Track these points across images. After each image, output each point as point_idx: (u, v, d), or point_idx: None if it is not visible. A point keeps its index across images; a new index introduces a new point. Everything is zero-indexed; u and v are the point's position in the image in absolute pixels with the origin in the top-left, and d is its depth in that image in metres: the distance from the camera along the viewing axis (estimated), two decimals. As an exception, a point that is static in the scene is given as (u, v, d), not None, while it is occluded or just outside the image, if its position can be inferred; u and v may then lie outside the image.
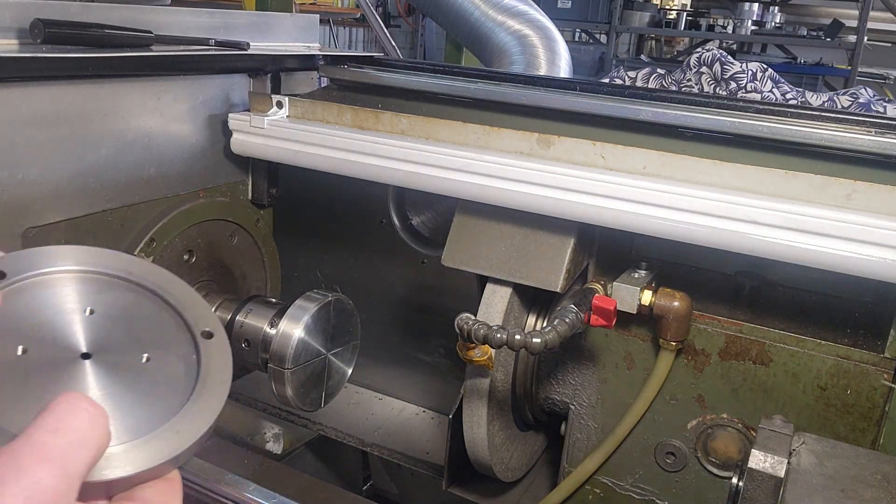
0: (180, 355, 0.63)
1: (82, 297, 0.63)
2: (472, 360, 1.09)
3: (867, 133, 1.08)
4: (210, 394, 0.61)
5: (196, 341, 0.64)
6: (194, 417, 0.59)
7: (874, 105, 3.81)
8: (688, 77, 4.09)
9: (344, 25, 8.82)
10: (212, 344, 0.65)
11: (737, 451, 1.15)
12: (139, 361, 0.61)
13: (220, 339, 0.65)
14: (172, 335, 0.65)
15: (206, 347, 0.64)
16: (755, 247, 0.98)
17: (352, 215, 1.56)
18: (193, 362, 0.63)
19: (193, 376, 0.62)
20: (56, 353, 0.59)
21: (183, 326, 0.65)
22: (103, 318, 0.62)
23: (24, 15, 1.10)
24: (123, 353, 0.61)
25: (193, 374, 0.62)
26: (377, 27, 3.60)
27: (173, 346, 0.64)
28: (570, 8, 7.35)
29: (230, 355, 0.65)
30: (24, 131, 1.06)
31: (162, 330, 0.65)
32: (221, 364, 0.64)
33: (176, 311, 0.66)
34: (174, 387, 0.61)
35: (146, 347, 0.62)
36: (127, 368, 0.61)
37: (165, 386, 0.61)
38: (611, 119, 1.23)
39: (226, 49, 1.35)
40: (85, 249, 0.66)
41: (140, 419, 0.58)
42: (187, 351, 0.64)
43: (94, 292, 0.64)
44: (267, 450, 1.62)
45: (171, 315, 0.66)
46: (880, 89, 6.34)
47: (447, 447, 1.28)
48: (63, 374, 0.58)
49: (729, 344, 1.13)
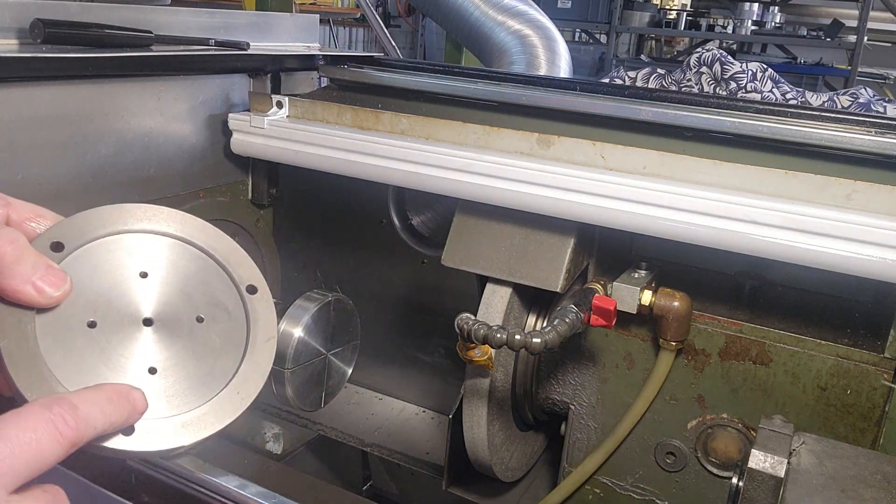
0: (229, 312, 0.66)
1: (136, 259, 0.65)
2: (472, 360, 1.09)
3: (867, 133, 1.08)
4: (259, 352, 0.64)
5: (242, 297, 0.67)
6: (247, 378, 0.63)
7: (874, 105, 3.81)
8: (688, 77, 4.09)
9: (344, 25, 8.82)
10: (256, 299, 0.67)
11: (737, 451, 1.15)
12: (194, 322, 0.64)
13: (263, 294, 0.68)
14: (221, 291, 0.67)
15: (251, 303, 0.67)
16: (755, 247, 0.98)
17: (352, 215, 1.56)
18: (242, 319, 0.66)
19: (243, 334, 0.65)
20: (121, 321, 0.62)
21: (229, 282, 0.67)
22: (157, 281, 0.65)
23: (24, 15, 1.10)
24: (179, 316, 0.64)
25: (243, 331, 0.65)
26: (377, 27, 3.60)
27: (222, 304, 0.66)
28: (570, 8, 7.35)
29: (274, 310, 0.68)
30: (24, 131, 1.06)
31: (211, 287, 0.67)
32: (267, 319, 0.66)
33: (222, 267, 0.68)
34: (227, 346, 0.64)
35: (198, 307, 0.65)
36: (185, 331, 0.63)
37: (219, 347, 0.64)
38: (611, 119, 1.23)
39: (226, 49, 1.35)
40: (133, 208, 0.68)
41: (202, 383, 0.61)
42: (236, 307, 0.66)
43: (146, 254, 0.66)
44: (267, 450, 1.62)
45: (217, 271, 0.68)
46: (880, 89, 6.34)
47: (447, 447, 1.28)
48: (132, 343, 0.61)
49: (729, 344, 1.13)
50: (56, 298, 0.59)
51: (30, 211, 0.64)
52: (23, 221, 0.63)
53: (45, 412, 0.50)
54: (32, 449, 0.49)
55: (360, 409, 1.65)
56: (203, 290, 0.66)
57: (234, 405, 0.61)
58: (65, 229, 0.63)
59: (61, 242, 0.62)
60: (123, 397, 0.57)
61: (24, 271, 0.57)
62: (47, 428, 0.50)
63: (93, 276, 0.62)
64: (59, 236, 0.62)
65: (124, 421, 0.57)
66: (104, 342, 0.60)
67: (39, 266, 0.58)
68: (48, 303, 0.59)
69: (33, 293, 0.58)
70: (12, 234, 0.58)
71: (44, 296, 0.58)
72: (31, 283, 0.58)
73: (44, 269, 0.59)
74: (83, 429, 0.52)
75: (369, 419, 1.62)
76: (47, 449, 0.50)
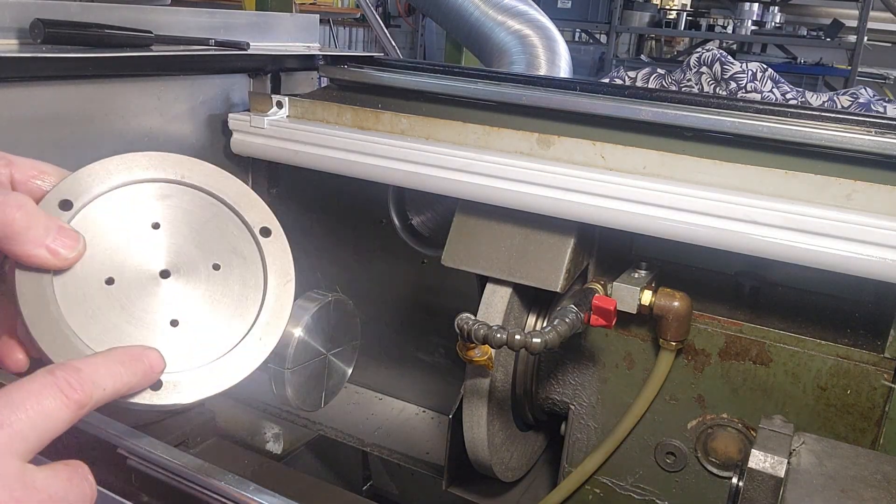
0: (245, 257, 0.65)
1: (146, 210, 0.64)
2: (472, 360, 1.09)
3: (867, 133, 1.08)
4: (278, 296, 0.64)
5: (257, 240, 0.66)
6: (268, 323, 0.63)
7: (874, 105, 3.81)
8: (688, 77, 4.09)
9: (344, 25, 8.82)
10: (271, 242, 0.67)
11: (737, 451, 1.15)
12: (211, 270, 0.64)
13: (277, 235, 0.67)
14: (235, 237, 0.66)
15: (266, 246, 0.66)
16: (755, 247, 0.98)
17: (352, 215, 1.56)
18: (258, 262, 0.65)
19: (261, 278, 0.65)
20: (138, 276, 0.61)
21: (242, 226, 0.67)
22: (170, 231, 0.64)
23: (24, 15, 1.10)
24: (196, 265, 0.63)
25: (260, 276, 0.65)
26: (377, 27, 3.60)
27: (237, 249, 0.66)
28: (570, 8, 7.35)
29: (289, 251, 0.67)
30: (24, 131, 1.06)
31: (224, 233, 0.66)
32: (283, 261, 0.66)
33: (234, 211, 0.67)
34: (246, 292, 0.64)
35: (214, 254, 0.64)
36: (203, 280, 0.63)
37: (238, 293, 0.64)
38: (611, 119, 1.23)
39: (226, 49, 1.35)
40: (139, 157, 0.67)
41: (224, 332, 0.61)
42: (251, 251, 0.66)
43: (156, 203, 0.65)
44: (267, 450, 1.62)
45: (229, 215, 0.67)
46: (880, 89, 6.34)
47: (447, 447, 1.28)
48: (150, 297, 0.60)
49: (729, 344, 1.13)
50: (72, 259, 0.58)
51: (33, 168, 0.62)
52: (27, 180, 0.61)
53: (48, 377, 0.51)
54: (39, 411, 0.49)
55: (360, 409, 1.65)
56: (217, 237, 0.65)
57: (257, 351, 0.61)
58: (71, 185, 0.62)
59: (69, 200, 0.61)
60: (135, 359, 0.56)
61: (37, 236, 0.56)
62: (52, 391, 0.50)
63: (105, 232, 0.61)
64: (66, 193, 0.61)
65: (139, 381, 0.57)
66: (124, 299, 0.60)
67: (52, 228, 0.57)
68: (64, 265, 0.58)
69: (48, 256, 0.57)
70: (20, 199, 0.56)
71: (59, 258, 0.57)
72: (44, 247, 0.57)
73: (56, 230, 0.58)
74: (89, 389, 0.52)
75: (369, 419, 1.62)
76: (54, 411, 0.50)
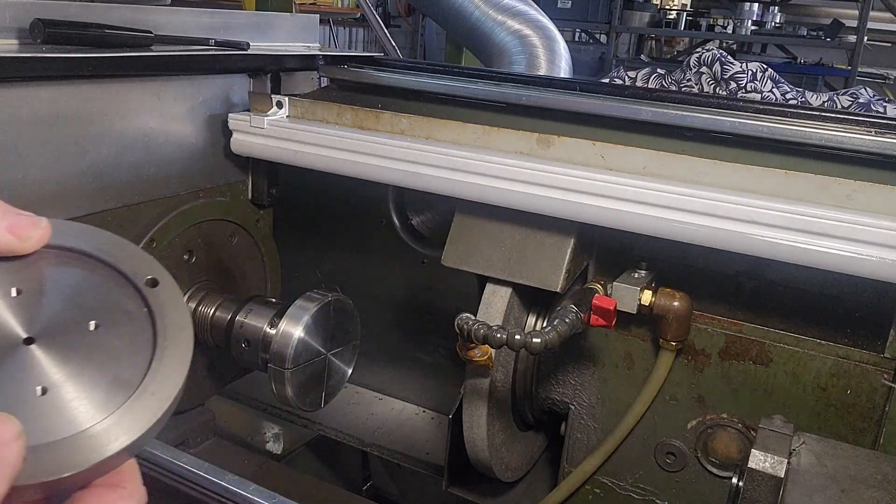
0: (129, 312, 0.58)
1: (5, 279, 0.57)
2: (472, 360, 1.09)
3: (867, 133, 1.08)
4: (172, 346, 0.57)
5: (142, 293, 0.59)
6: (162, 376, 0.55)
7: (874, 105, 3.82)
8: (688, 77, 4.09)
9: (344, 25, 8.82)
10: (159, 292, 0.59)
11: (737, 451, 1.15)
12: (88, 330, 0.57)
13: (167, 285, 0.60)
14: (115, 293, 0.59)
15: (154, 297, 0.59)
16: (755, 247, 0.98)
17: (352, 215, 1.56)
18: (145, 315, 0.58)
19: (150, 330, 0.58)
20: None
21: (123, 280, 0.60)
22: (34, 295, 0.57)
23: (24, 15, 1.10)
24: (69, 327, 0.56)
25: (149, 328, 0.58)
26: (377, 27, 3.60)
27: (119, 305, 0.59)
28: (570, 8, 7.35)
29: (182, 298, 0.60)
30: (24, 131, 1.06)
31: (101, 291, 0.59)
32: (176, 310, 0.59)
33: (111, 267, 0.60)
34: (133, 348, 0.57)
35: (91, 314, 0.57)
36: (78, 342, 0.56)
37: (124, 350, 0.57)
38: (611, 119, 1.23)
39: (226, 49, 1.35)
40: None
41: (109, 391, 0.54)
42: (136, 305, 0.59)
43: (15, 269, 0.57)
44: (267, 450, 1.62)
45: (106, 272, 0.60)
46: (880, 89, 6.34)
47: (447, 447, 1.28)
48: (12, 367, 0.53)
49: (729, 344, 1.13)
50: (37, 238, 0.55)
51: None
52: None
53: None
54: None
55: (360, 409, 1.65)
56: (94, 295, 0.59)
57: (151, 407, 0.54)
58: None
59: None
60: None
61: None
62: None
63: None
64: None
65: None
66: None
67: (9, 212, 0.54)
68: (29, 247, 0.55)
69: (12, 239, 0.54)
70: None
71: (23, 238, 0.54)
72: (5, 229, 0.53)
73: (14, 215, 0.54)
74: None
75: (369, 419, 1.62)
76: None
